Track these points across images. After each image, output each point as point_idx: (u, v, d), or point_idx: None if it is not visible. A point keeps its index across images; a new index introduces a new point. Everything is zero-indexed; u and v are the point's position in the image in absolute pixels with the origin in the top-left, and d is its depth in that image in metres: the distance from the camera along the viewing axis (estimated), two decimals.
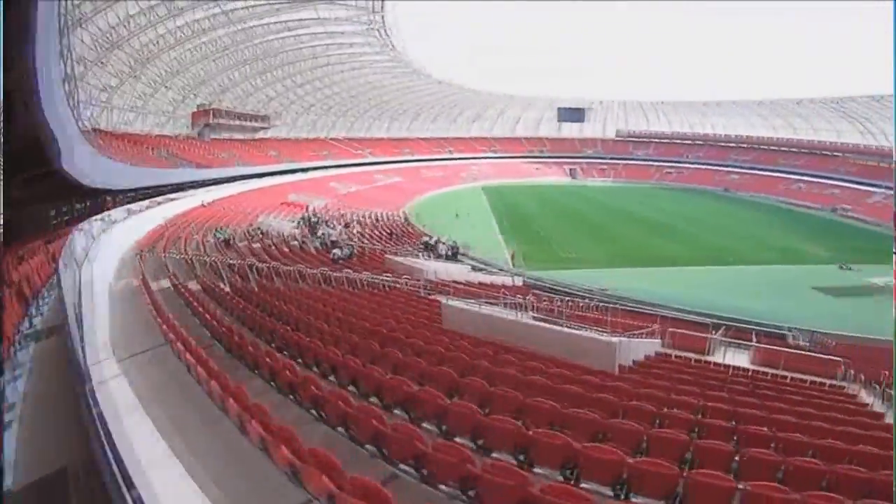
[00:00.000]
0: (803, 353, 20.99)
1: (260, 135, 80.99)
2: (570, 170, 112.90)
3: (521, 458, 7.51)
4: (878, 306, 36.80)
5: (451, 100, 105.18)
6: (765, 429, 9.37)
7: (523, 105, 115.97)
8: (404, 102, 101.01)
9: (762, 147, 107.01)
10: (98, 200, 35.64)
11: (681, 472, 6.76)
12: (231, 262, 24.07)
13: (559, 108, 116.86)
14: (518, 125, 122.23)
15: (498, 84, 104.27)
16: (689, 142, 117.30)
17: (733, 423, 9.69)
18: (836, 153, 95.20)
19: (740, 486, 6.37)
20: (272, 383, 9.92)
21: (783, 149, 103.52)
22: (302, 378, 9.28)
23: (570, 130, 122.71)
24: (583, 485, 7.04)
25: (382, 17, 59.33)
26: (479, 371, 10.88)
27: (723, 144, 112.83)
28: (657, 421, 9.30)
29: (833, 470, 7.41)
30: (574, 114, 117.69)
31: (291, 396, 9.34)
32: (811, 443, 8.78)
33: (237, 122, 74.57)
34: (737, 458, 7.74)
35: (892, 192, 79.97)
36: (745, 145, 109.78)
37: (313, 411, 8.69)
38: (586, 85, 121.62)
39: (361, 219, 54.49)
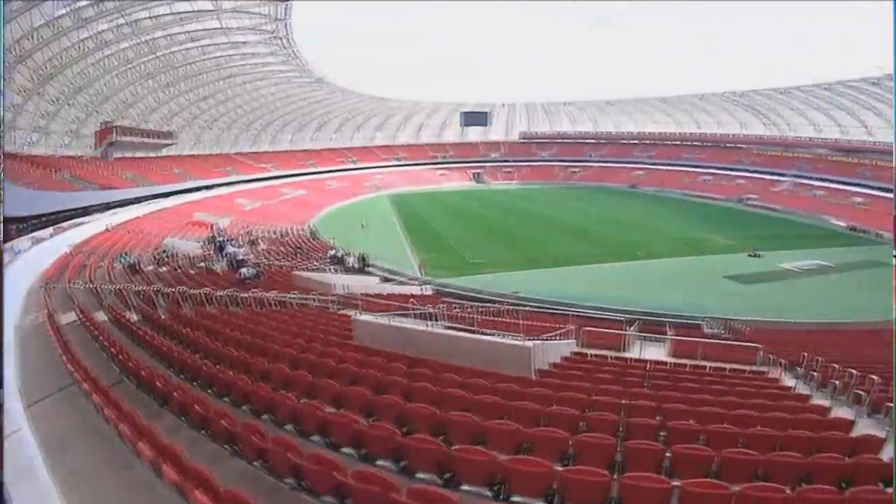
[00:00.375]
0: (720, 341, 21.55)
1: (165, 152, 78.91)
2: (476, 174, 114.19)
3: (446, 477, 7.26)
4: (788, 290, 38.56)
5: (355, 108, 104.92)
6: (691, 422, 9.44)
7: (427, 111, 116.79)
8: (309, 113, 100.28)
9: (667, 143, 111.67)
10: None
11: (612, 477, 6.64)
12: (137, 289, 23.29)
13: (463, 113, 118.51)
14: (422, 132, 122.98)
15: (402, 90, 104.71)
16: (593, 140, 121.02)
17: (659, 419, 9.72)
18: (740, 145, 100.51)
19: (675, 484, 6.28)
20: (185, 419, 9.44)
21: (687, 143, 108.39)
22: (214, 411, 8.82)
23: (475, 134, 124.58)
24: (513, 499, 6.86)
25: (287, 24, 58.36)
26: (395, 388, 10.61)
27: (627, 142, 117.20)
28: (581, 425, 9.20)
29: (767, 458, 7.48)
30: (478, 117, 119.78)
31: (206, 432, 8.88)
32: (741, 432, 8.90)
33: (141, 140, 72.02)
34: (667, 454, 7.69)
35: (794, 180, 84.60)
36: (649, 141, 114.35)
37: (229, 446, 8.26)
38: (490, 88, 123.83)
39: (268, 235, 53.72)
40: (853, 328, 29.96)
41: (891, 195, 70.59)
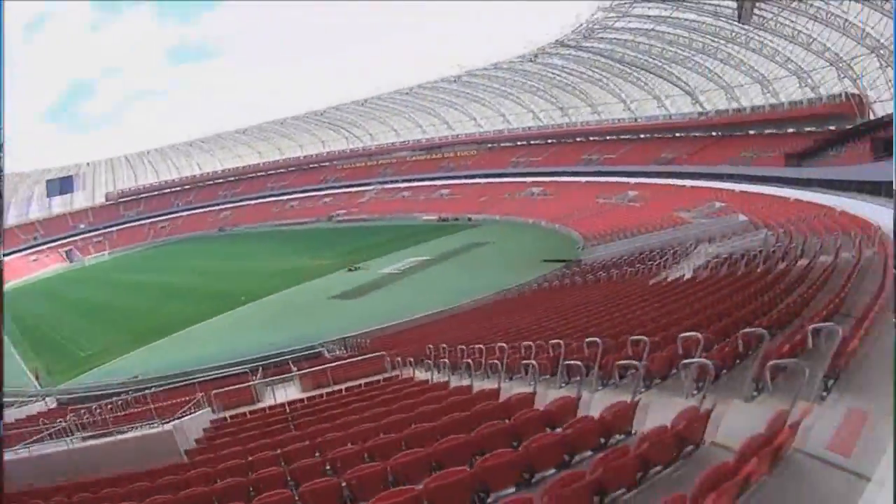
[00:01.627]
0: (345, 361, 22.85)
1: None
2: (67, 252, 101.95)
3: None
4: (396, 292, 41.87)
5: None
6: (349, 445, 9.92)
7: (12, 185, 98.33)
8: None
9: (250, 176, 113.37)
10: None
11: None
12: None
13: (47, 181, 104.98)
14: (10, 212, 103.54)
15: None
16: (178, 188, 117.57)
17: (319, 455, 10.03)
18: (324, 164, 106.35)
19: None
20: None
21: (271, 172, 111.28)
22: None
23: (63, 204, 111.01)
24: None
25: None
26: None
27: (212, 182, 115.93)
28: (251, 490, 8.94)
29: (435, 449, 8.10)
30: (65, 184, 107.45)
31: None
32: (400, 436, 9.56)
33: None
34: (343, 484, 7.87)
35: (380, 187, 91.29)
36: (233, 178, 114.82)
37: None
38: (73, 148, 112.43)
39: None
40: (464, 309, 33.66)
41: (473, 180, 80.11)
